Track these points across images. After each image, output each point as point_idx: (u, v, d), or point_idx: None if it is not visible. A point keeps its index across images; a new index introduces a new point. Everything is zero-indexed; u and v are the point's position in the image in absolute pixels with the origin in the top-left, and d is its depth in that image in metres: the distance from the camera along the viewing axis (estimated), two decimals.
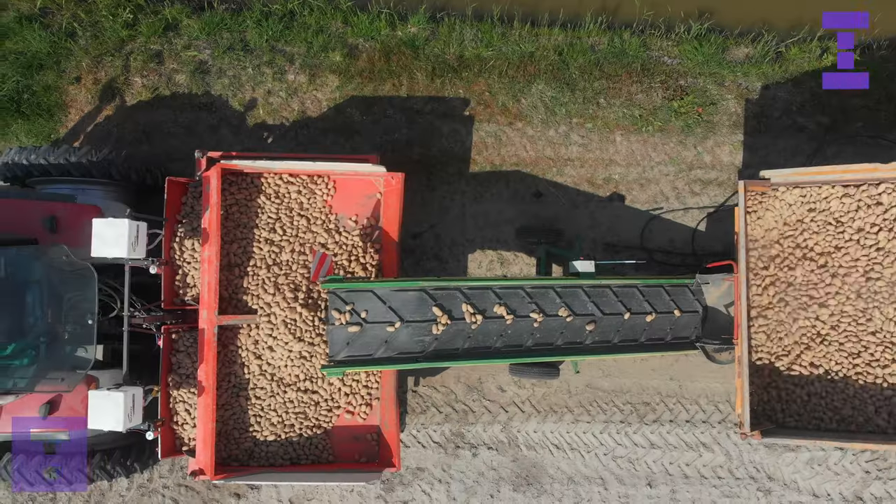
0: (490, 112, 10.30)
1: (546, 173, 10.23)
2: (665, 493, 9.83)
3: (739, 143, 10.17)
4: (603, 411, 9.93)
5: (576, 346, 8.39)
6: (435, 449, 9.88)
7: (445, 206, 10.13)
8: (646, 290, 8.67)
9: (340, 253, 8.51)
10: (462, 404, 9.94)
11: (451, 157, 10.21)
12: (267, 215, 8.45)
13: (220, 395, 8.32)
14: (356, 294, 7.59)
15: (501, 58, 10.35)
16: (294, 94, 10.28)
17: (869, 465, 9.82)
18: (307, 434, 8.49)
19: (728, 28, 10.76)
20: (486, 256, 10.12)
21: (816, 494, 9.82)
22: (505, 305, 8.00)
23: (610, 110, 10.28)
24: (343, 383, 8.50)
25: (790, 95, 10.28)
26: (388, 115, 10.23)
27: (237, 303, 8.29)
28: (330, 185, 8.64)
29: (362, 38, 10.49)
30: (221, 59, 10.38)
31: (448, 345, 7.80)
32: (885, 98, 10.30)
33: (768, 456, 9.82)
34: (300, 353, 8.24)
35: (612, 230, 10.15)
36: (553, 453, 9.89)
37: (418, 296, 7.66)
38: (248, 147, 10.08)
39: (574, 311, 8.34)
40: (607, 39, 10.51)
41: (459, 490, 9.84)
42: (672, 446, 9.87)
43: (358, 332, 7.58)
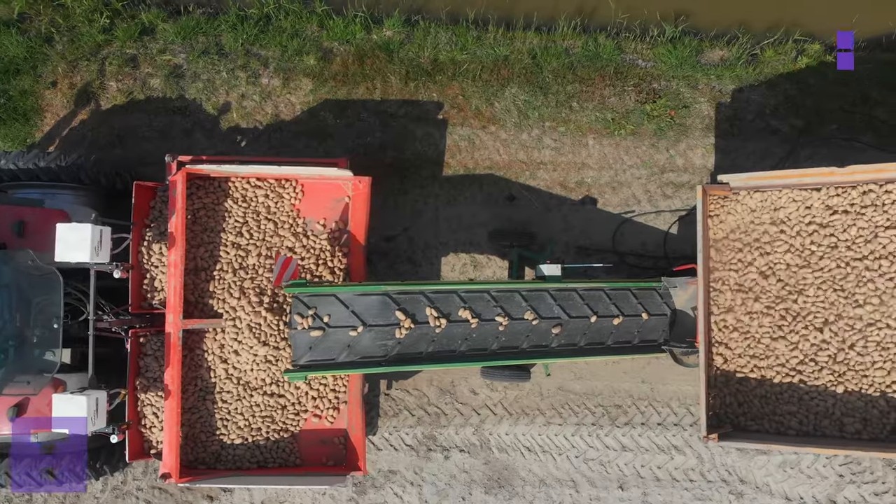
0: (463, 115, 10.32)
1: (519, 177, 10.25)
2: (636, 496, 9.84)
3: (712, 147, 10.17)
4: (574, 414, 9.95)
5: (541, 350, 8.41)
6: (407, 452, 9.91)
7: (419, 209, 10.15)
8: (613, 293, 8.67)
9: (308, 257, 8.54)
10: (434, 407, 9.97)
11: (425, 161, 10.23)
12: (234, 219, 8.49)
13: (186, 398, 8.36)
14: (319, 298, 7.62)
15: (475, 61, 10.37)
16: (268, 97, 10.31)
17: (843, 469, 9.82)
18: (274, 437, 8.52)
19: (704, 30, 10.76)
20: (460, 259, 10.14)
21: (789, 498, 9.82)
22: (470, 309, 8.02)
23: (583, 114, 10.29)
24: (310, 387, 8.53)
25: (764, 98, 10.28)
26: (362, 118, 10.26)
27: (203, 307, 8.33)
28: (298, 189, 8.67)
29: (337, 41, 10.52)
30: (196, 63, 10.42)
31: (411, 349, 7.82)
32: (860, 100, 10.30)
33: (740, 459, 9.82)
34: (265, 357, 8.28)
35: (584, 233, 10.17)
36: (525, 456, 9.90)
37: (381, 300, 7.69)
38: (221, 151, 10.12)
39: (540, 314, 8.35)
40: (582, 42, 10.52)
41: (431, 493, 9.86)
42: (643, 449, 9.88)
43: (320, 337, 7.61)
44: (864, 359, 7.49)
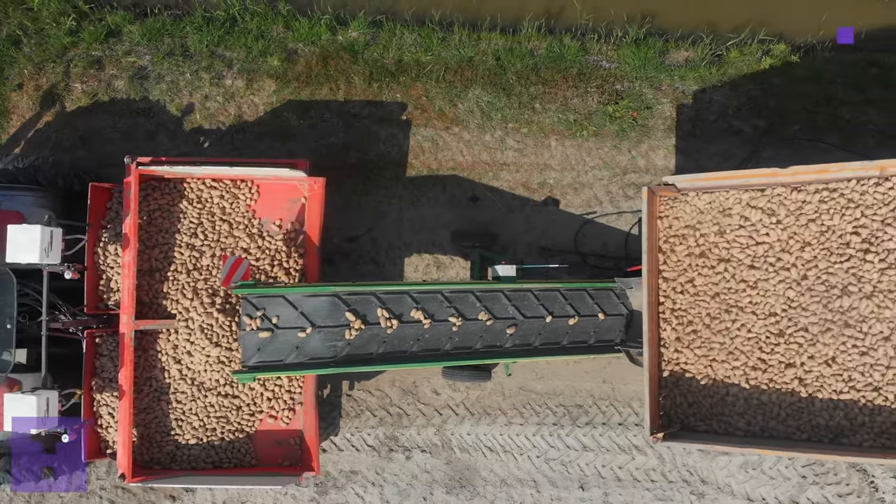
0: (427, 116, 10.34)
1: (482, 178, 10.27)
2: (597, 496, 9.85)
3: (674, 148, 10.18)
4: (536, 413, 9.96)
5: (495, 350, 8.43)
6: (369, 452, 9.93)
7: (382, 210, 10.17)
8: (568, 293, 8.69)
9: (263, 258, 8.57)
10: (396, 408, 9.99)
11: (388, 162, 10.25)
12: (189, 220, 8.53)
13: (141, 398, 8.40)
14: (268, 299, 7.65)
15: (440, 62, 10.39)
16: (231, 98, 10.35)
17: (805, 470, 9.81)
18: (229, 438, 8.56)
19: (670, 31, 10.77)
20: (423, 260, 10.16)
21: (751, 499, 9.82)
22: (422, 310, 8.04)
23: (545, 115, 10.31)
24: (265, 388, 8.57)
25: (726, 99, 10.29)
26: (325, 119, 10.29)
27: (157, 307, 8.37)
28: (253, 190, 8.70)
29: (302, 42, 10.55)
30: (161, 65, 10.45)
31: (362, 350, 7.84)
32: (824, 100, 10.30)
33: (702, 459, 9.83)
34: (218, 357, 8.32)
35: (546, 234, 10.18)
36: (486, 456, 9.92)
37: (331, 301, 7.71)
38: (184, 152, 10.14)
39: (494, 314, 8.37)
40: (547, 44, 10.53)
41: (393, 493, 9.88)
42: (605, 449, 9.89)
43: (269, 338, 7.64)
44: (813, 362, 7.48)
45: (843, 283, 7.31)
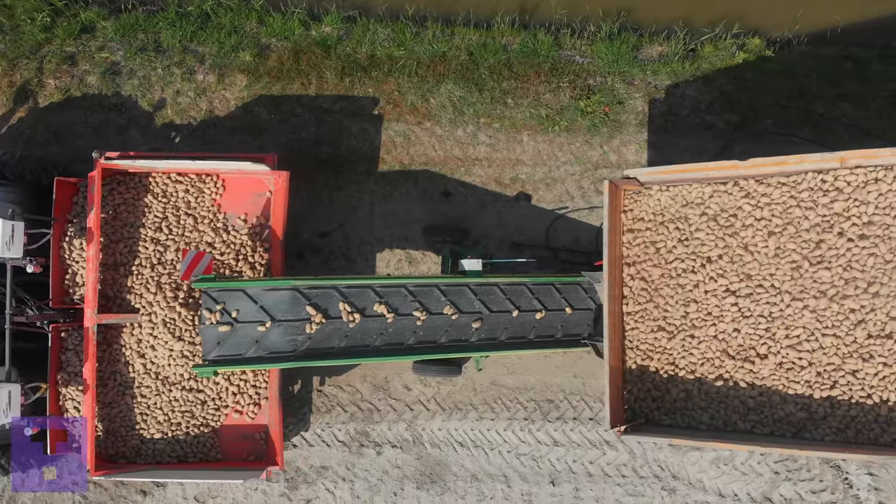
0: (399, 111, 10.32)
1: (454, 173, 10.25)
2: (568, 492, 9.83)
3: (646, 143, 10.15)
4: (507, 408, 9.94)
5: (461, 344, 8.40)
6: (339, 448, 9.91)
7: (354, 205, 10.15)
8: (536, 287, 8.66)
9: (228, 252, 8.56)
10: (368, 403, 9.97)
11: (360, 156, 10.24)
12: (154, 214, 8.52)
13: (106, 392, 8.39)
14: (227, 293, 7.63)
15: (412, 57, 10.37)
16: (202, 93, 10.33)
17: (778, 466, 9.77)
18: (194, 433, 8.55)
19: (645, 26, 10.73)
20: (395, 255, 10.14)
21: (723, 494, 9.78)
22: (386, 304, 8.02)
23: (517, 110, 10.28)
24: (230, 382, 8.56)
25: (699, 93, 10.26)
26: (297, 113, 10.27)
27: (121, 302, 8.36)
28: (219, 184, 8.69)
29: (275, 37, 10.54)
30: (133, 60, 10.45)
31: (323, 344, 7.82)
32: (798, 94, 10.26)
33: (673, 455, 9.80)
34: (181, 352, 8.30)
35: (518, 229, 10.15)
36: (457, 451, 9.90)
37: (291, 295, 7.69)
38: (155, 147, 10.14)
39: (460, 308, 8.35)
40: (521, 39, 10.50)
41: (363, 488, 9.87)
42: (576, 444, 9.87)
43: (229, 332, 7.62)
44: (776, 357, 7.45)
45: (805, 277, 7.27)
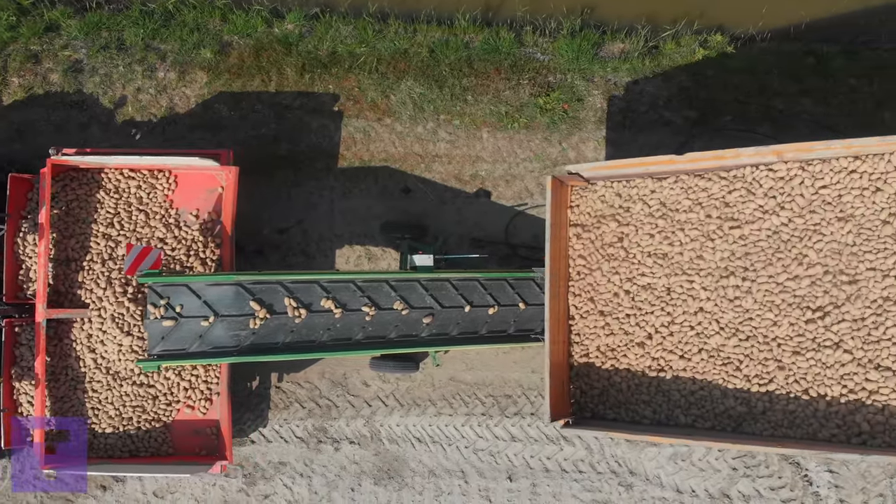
0: (359, 107, 10.35)
1: (414, 169, 10.27)
2: (525, 487, 9.84)
3: (604, 139, 10.15)
4: (465, 404, 9.96)
5: (411, 339, 8.43)
6: (297, 444, 9.95)
7: (313, 201, 10.19)
8: (488, 283, 8.68)
9: (179, 248, 8.60)
10: (326, 399, 10.00)
11: (320, 153, 10.27)
12: (106, 210, 8.57)
13: (58, 387, 8.44)
14: (172, 288, 7.67)
15: (373, 54, 10.40)
16: (163, 90, 10.38)
17: (736, 462, 9.77)
18: (146, 427, 8.59)
19: (607, 23, 10.75)
20: (354, 252, 10.17)
21: (680, 490, 9.78)
22: (333, 299, 8.05)
23: (477, 107, 10.30)
24: (182, 378, 8.59)
25: (658, 90, 10.26)
26: (256, 110, 10.31)
27: (73, 297, 8.41)
28: (171, 180, 8.73)
29: (238, 35, 10.58)
30: (95, 58, 10.51)
31: (267, 339, 7.85)
32: (758, 90, 10.26)
33: (630, 450, 9.80)
34: (130, 346, 8.35)
35: (478, 226, 10.17)
36: (415, 446, 9.92)
37: (235, 290, 7.73)
38: (115, 144, 10.19)
39: (410, 304, 8.37)
40: (483, 36, 10.52)
41: (321, 484, 9.90)
42: (533, 439, 9.88)
43: (173, 327, 7.65)
44: (715, 352, 7.45)
45: (742, 271, 7.27)
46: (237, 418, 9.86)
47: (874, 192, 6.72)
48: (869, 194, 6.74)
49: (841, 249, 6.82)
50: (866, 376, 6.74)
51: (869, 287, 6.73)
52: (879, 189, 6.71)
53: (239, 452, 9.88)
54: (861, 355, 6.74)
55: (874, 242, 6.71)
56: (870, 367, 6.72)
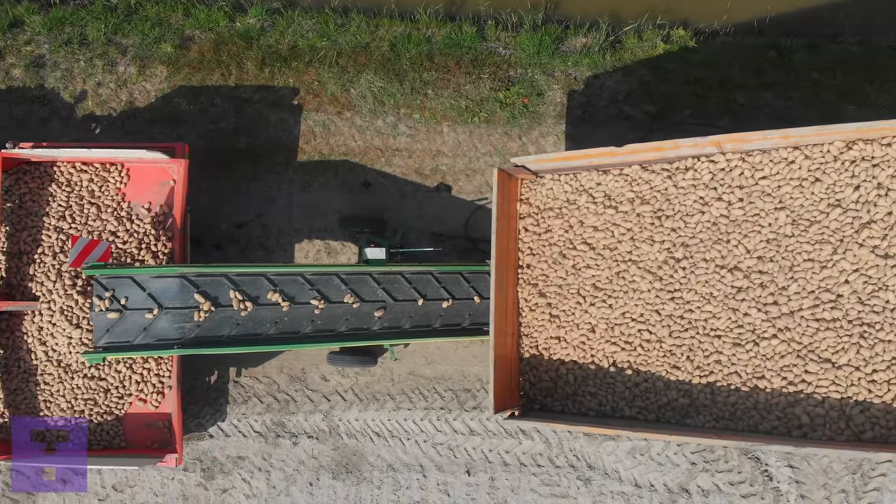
0: (319, 101, 10.35)
1: (375, 163, 10.26)
2: (484, 481, 9.83)
3: (564, 134, 10.13)
4: (424, 398, 9.95)
5: (361, 333, 8.42)
6: (256, 438, 9.94)
7: (272, 195, 10.18)
8: (442, 276, 8.68)
9: (131, 241, 8.60)
10: (284, 394, 10.00)
11: (279, 146, 10.26)
12: (58, 203, 8.57)
13: (11, 379, 8.44)
14: (117, 280, 7.66)
15: (334, 48, 10.39)
16: (123, 85, 10.38)
17: (695, 457, 9.74)
18: (98, 420, 8.59)
19: (571, 18, 10.74)
20: (314, 246, 10.16)
21: (639, 485, 9.76)
22: (281, 292, 8.04)
23: (438, 101, 10.29)
24: (133, 371, 8.59)
25: (618, 84, 10.24)
26: (216, 104, 10.31)
27: (24, 290, 8.41)
28: (123, 173, 8.73)
29: (199, 29, 10.58)
30: (58, 53, 10.52)
31: (213, 332, 7.84)
32: (717, 84, 10.23)
33: (588, 444, 9.78)
34: (80, 339, 8.35)
35: (438, 220, 10.16)
36: (374, 441, 9.91)
37: (179, 282, 7.72)
38: (76, 138, 10.19)
39: (362, 297, 8.36)
40: (446, 31, 10.51)
41: (280, 478, 9.89)
42: (492, 433, 9.86)
43: (118, 319, 7.65)
44: (657, 343, 7.44)
45: (683, 263, 7.26)
46: (196, 412, 9.88)
47: (813, 183, 6.70)
48: (808, 185, 6.71)
49: (779, 240, 6.80)
50: (805, 368, 6.72)
51: (807, 278, 6.70)
52: (818, 179, 6.69)
53: (197, 447, 9.88)
54: (800, 347, 6.72)
55: (812, 233, 6.68)
56: (809, 358, 6.69)
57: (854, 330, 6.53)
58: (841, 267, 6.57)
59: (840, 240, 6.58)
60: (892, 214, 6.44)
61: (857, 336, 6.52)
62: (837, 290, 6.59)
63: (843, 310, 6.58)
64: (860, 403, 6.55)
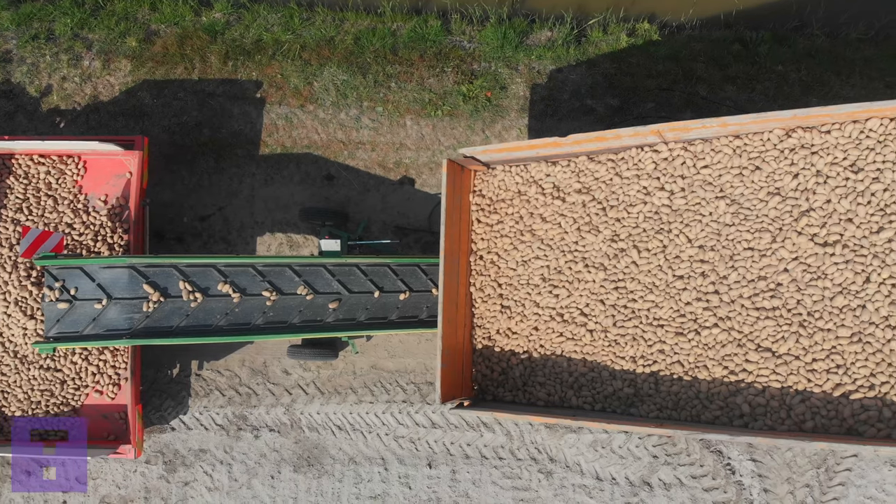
0: (282, 94, 10.36)
1: (338, 156, 10.27)
2: (445, 474, 9.82)
3: (527, 127, 10.13)
4: (386, 391, 9.95)
5: (316, 325, 8.42)
6: (217, 431, 9.96)
7: (234, 188, 10.20)
8: (399, 269, 8.68)
9: (87, 233, 8.62)
10: (246, 387, 10.01)
11: (241, 139, 10.28)
12: (15, 196, 8.60)
13: None
14: (67, 271, 7.69)
15: (298, 41, 10.41)
16: (88, 79, 10.42)
17: (656, 450, 9.72)
18: (55, 411, 8.62)
19: (537, 12, 10.72)
20: (276, 239, 10.18)
21: (601, 478, 9.74)
22: (232, 283, 8.06)
23: (401, 94, 10.29)
24: (89, 363, 8.62)
25: (581, 78, 10.23)
26: (179, 97, 10.33)
27: None
28: (80, 166, 8.76)
29: (165, 24, 10.61)
30: (24, 48, 10.56)
31: (162, 322, 7.86)
32: (682, 77, 10.21)
33: (550, 437, 9.77)
34: (35, 330, 8.37)
35: (402, 213, 10.16)
36: (335, 434, 9.92)
37: (128, 273, 7.74)
38: (41, 132, 10.23)
39: (316, 289, 8.37)
40: (411, 24, 10.51)
41: (241, 471, 9.91)
42: (453, 426, 9.86)
43: (67, 309, 7.68)
44: (602, 333, 7.43)
45: (627, 253, 7.24)
46: (158, 405, 9.90)
47: (753, 171, 6.68)
48: (748, 173, 6.70)
49: (720, 230, 6.79)
50: (746, 357, 6.70)
51: (747, 267, 6.69)
52: (758, 168, 6.68)
53: (159, 439, 9.91)
54: (740, 336, 6.70)
55: (752, 222, 6.67)
56: (749, 347, 6.68)
57: (793, 319, 6.51)
58: (780, 255, 6.55)
59: (779, 228, 6.56)
60: (831, 202, 6.42)
61: (797, 325, 6.50)
62: (777, 279, 6.57)
63: (782, 298, 6.56)
64: (800, 393, 6.52)
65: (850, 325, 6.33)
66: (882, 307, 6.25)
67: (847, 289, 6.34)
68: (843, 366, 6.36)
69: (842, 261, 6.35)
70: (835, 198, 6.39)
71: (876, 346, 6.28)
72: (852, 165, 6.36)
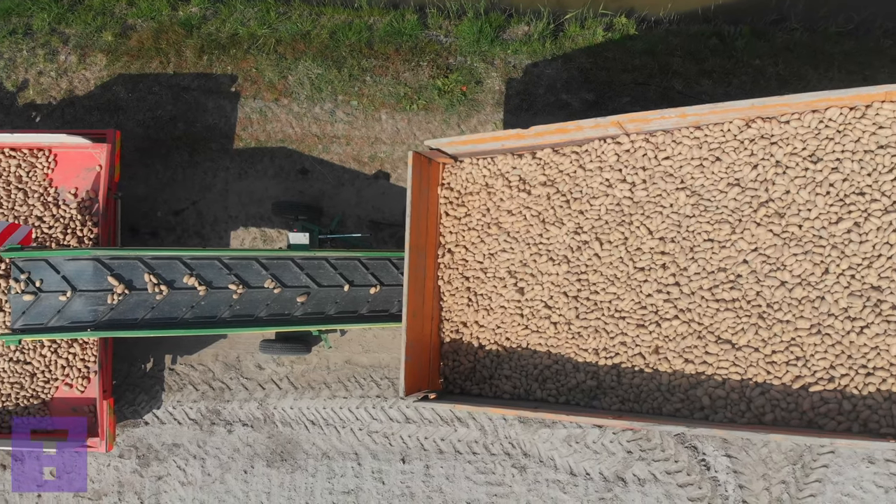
0: (257, 88, 10.36)
1: (312, 150, 10.26)
2: (419, 469, 9.80)
3: (502, 122, 10.10)
4: (360, 386, 9.93)
5: (283, 318, 8.40)
6: (191, 426, 9.95)
7: (208, 182, 10.19)
8: (370, 262, 8.65)
9: (56, 226, 8.62)
10: (219, 382, 10.00)
11: (215, 133, 10.28)
12: None
13: None
14: (32, 263, 7.69)
15: (273, 36, 10.40)
16: (63, 73, 10.43)
17: (631, 445, 9.68)
18: (24, 404, 8.62)
19: (514, 6, 10.69)
20: (250, 233, 10.17)
21: (574, 473, 9.71)
22: (198, 276, 8.04)
23: (376, 88, 10.27)
24: (59, 356, 8.62)
25: (557, 73, 10.19)
26: (154, 91, 10.33)
27: None
28: (51, 159, 8.76)
29: (142, 18, 10.61)
30: (2, 43, 10.57)
31: (126, 315, 7.85)
32: (658, 71, 10.17)
33: (524, 432, 9.74)
34: (3, 322, 8.37)
35: (377, 208, 10.15)
36: (309, 429, 9.90)
37: (93, 265, 7.73)
38: (17, 126, 10.24)
39: (283, 282, 8.35)
40: (388, 19, 10.50)
41: (214, 466, 9.90)
42: (427, 421, 9.84)
43: (32, 301, 7.68)
44: (570, 327, 7.39)
45: (588, 245, 7.21)
46: (131, 399, 9.90)
47: (713, 162, 6.64)
48: (708, 164, 6.66)
49: (680, 221, 6.75)
50: (706, 349, 6.66)
51: (707, 258, 6.65)
52: (718, 159, 6.64)
53: (133, 433, 9.90)
54: (700, 328, 6.66)
55: (712, 213, 6.63)
56: (709, 339, 6.64)
57: (753, 310, 6.46)
58: (739, 247, 6.51)
59: (739, 219, 6.52)
60: (790, 193, 6.38)
61: (756, 316, 6.46)
62: (736, 270, 6.53)
63: (741, 290, 6.52)
64: (760, 385, 6.48)
65: (809, 317, 6.29)
66: (841, 298, 6.20)
67: (806, 280, 6.30)
68: (803, 358, 6.32)
69: (800, 252, 6.31)
70: (794, 188, 6.34)
71: (835, 337, 6.23)
72: (811, 155, 6.32)
